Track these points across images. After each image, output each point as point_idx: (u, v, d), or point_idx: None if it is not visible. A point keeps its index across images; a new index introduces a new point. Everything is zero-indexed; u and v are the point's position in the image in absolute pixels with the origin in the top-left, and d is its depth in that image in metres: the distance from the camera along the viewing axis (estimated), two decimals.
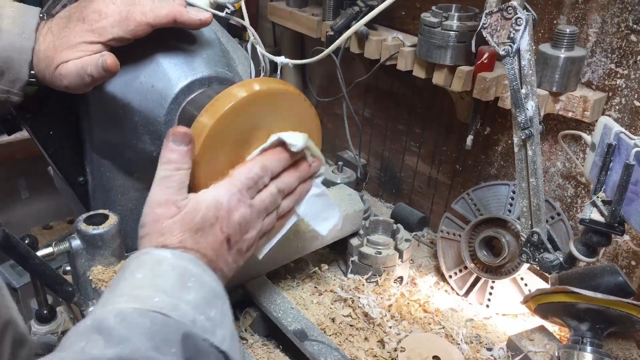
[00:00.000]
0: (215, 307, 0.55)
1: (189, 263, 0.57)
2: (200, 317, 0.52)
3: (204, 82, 0.77)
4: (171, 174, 0.61)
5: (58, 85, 0.71)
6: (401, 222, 1.19)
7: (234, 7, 1.01)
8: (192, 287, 0.54)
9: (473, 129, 1.09)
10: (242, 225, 0.64)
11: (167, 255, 0.56)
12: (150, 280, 0.53)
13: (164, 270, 0.54)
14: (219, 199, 0.62)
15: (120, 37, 0.69)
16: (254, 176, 0.65)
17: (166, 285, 0.53)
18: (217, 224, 0.61)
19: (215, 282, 0.58)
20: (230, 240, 0.63)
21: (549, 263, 0.90)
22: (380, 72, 1.25)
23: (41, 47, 0.70)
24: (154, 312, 0.49)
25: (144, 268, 0.55)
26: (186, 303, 0.52)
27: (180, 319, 0.50)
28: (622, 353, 0.94)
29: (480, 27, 0.83)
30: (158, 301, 0.51)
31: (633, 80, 0.91)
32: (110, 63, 0.68)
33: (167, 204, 0.60)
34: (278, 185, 0.69)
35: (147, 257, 0.56)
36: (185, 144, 0.62)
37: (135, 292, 0.52)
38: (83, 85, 0.71)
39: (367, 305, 1.00)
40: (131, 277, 0.54)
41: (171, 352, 0.47)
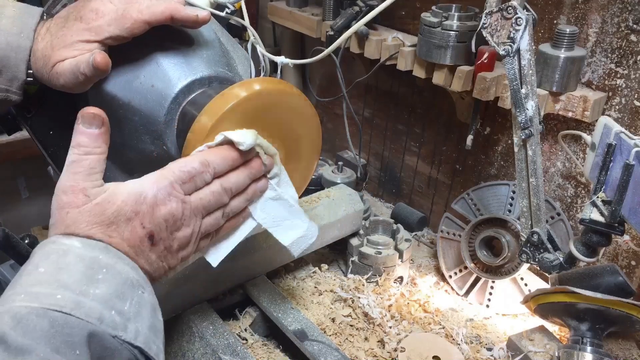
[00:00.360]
0: (129, 299, 0.51)
1: (100, 252, 0.52)
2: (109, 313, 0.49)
3: (204, 82, 0.77)
4: (79, 159, 0.56)
5: (55, 84, 0.71)
6: (401, 222, 1.19)
7: (234, 7, 1.00)
8: (102, 279, 0.50)
9: (473, 129, 1.09)
10: (170, 221, 0.58)
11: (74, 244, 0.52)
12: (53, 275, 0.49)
13: (69, 262, 0.50)
14: (142, 191, 0.56)
15: (117, 35, 0.69)
16: (190, 170, 0.60)
17: (70, 279, 0.49)
18: (136, 219, 0.56)
19: (132, 271, 0.54)
20: (153, 236, 0.57)
21: (549, 263, 0.90)
22: (380, 72, 1.25)
23: (39, 46, 0.70)
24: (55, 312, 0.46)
25: (48, 261, 0.50)
26: (92, 298, 0.49)
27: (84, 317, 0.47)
28: (622, 353, 0.94)
29: (480, 27, 0.83)
30: (60, 299, 0.47)
31: (633, 80, 0.91)
32: (99, 61, 0.67)
33: (74, 192, 0.54)
34: (224, 184, 0.64)
35: (53, 247, 0.52)
36: (97, 127, 0.57)
37: (34, 289, 0.47)
38: (78, 84, 0.71)
39: (367, 305, 1.00)
40: (34, 271, 0.49)
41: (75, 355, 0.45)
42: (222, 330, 0.88)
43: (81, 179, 0.55)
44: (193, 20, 0.72)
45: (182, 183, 0.59)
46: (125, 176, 0.88)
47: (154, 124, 0.77)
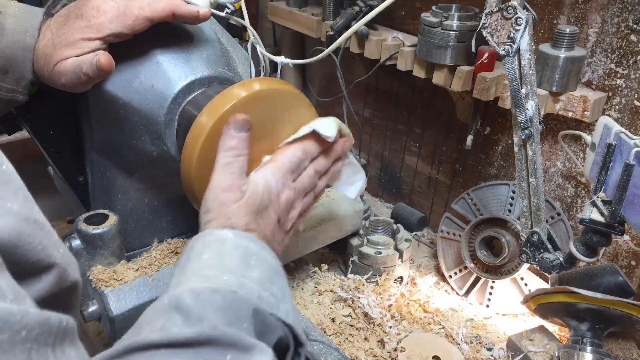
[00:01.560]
0: (276, 284, 0.57)
1: (249, 242, 0.59)
2: (265, 294, 0.54)
3: (204, 81, 0.77)
4: (233, 160, 0.63)
5: (56, 83, 0.71)
6: (401, 222, 1.19)
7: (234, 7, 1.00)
8: (255, 265, 0.56)
9: (473, 129, 1.09)
10: (288, 206, 0.67)
11: (228, 235, 0.58)
12: (216, 260, 0.55)
13: (227, 250, 0.56)
14: (269, 182, 0.64)
15: (119, 32, 0.69)
16: (297, 160, 0.68)
17: (231, 264, 0.55)
18: (270, 207, 0.64)
19: (274, 259, 0.60)
20: (280, 220, 0.66)
21: (549, 263, 0.90)
22: (380, 72, 1.25)
23: (40, 45, 0.70)
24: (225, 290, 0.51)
25: (210, 249, 0.56)
26: (251, 280, 0.54)
27: (248, 295, 0.52)
28: (622, 353, 0.94)
29: (480, 27, 0.83)
30: (227, 280, 0.53)
31: (633, 80, 0.91)
32: (104, 62, 0.68)
33: (232, 189, 0.62)
34: (316, 167, 0.71)
35: (211, 237, 0.58)
36: (245, 131, 0.64)
37: (204, 272, 0.54)
38: (80, 84, 0.71)
39: (367, 305, 1.00)
40: (198, 258, 0.56)
41: (243, 327, 0.49)
42: None
43: (237, 178, 0.63)
44: (194, 17, 0.72)
45: (292, 172, 0.67)
46: (125, 176, 0.88)
47: (154, 123, 0.77)
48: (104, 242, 0.80)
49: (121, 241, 0.83)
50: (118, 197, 0.90)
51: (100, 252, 0.80)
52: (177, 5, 0.70)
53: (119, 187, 0.89)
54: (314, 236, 1.05)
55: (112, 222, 0.81)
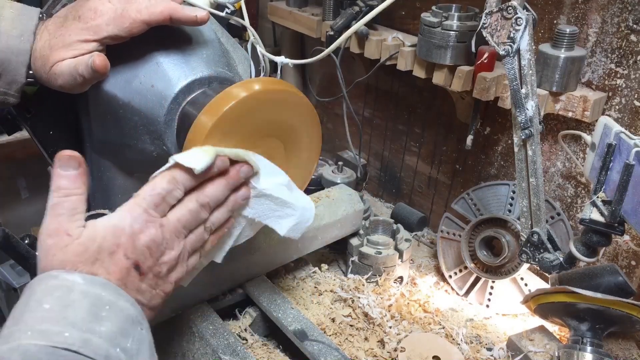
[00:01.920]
0: (131, 336, 0.52)
1: (102, 289, 0.52)
2: (115, 351, 0.49)
3: (204, 82, 0.77)
4: (60, 201, 0.55)
5: (53, 84, 0.71)
6: (401, 222, 1.19)
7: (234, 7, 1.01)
8: (106, 316, 0.50)
9: (473, 129, 1.09)
10: (153, 248, 0.58)
11: (77, 281, 0.51)
12: (59, 312, 0.48)
13: (74, 299, 0.50)
14: (119, 224, 0.56)
15: (116, 34, 0.69)
16: (160, 191, 0.59)
17: (77, 317, 0.49)
18: (118, 251, 0.55)
19: (132, 307, 0.54)
20: (139, 266, 0.57)
21: (549, 263, 0.90)
22: (380, 72, 1.25)
23: (37, 46, 0.70)
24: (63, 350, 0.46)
25: (52, 297, 0.50)
26: (99, 336, 0.49)
27: (92, 355, 0.47)
28: (622, 353, 0.94)
29: (480, 27, 0.83)
30: (68, 336, 0.47)
31: (633, 80, 0.91)
32: (98, 63, 0.67)
33: (58, 234, 0.54)
34: (200, 199, 0.62)
35: (56, 282, 0.51)
36: (74, 168, 0.56)
37: (42, 327, 0.47)
38: (76, 85, 0.71)
39: (367, 305, 1.00)
40: (38, 308, 0.49)
41: None
42: (222, 330, 0.87)
43: (64, 220, 0.55)
44: (192, 20, 0.72)
45: (156, 207, 0.59)
46: (125, 176, 0.88)
47: (154, 124, 0.77)
48: None
49: None
50: (118, 197, 0.90)
51: None
52: (175, 8, 0.70)
53: (118, 187, 0.89)
54: (314, 236, 1.05)
55: None
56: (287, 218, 0.74)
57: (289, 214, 0.74)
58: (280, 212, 0.73)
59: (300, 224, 0.75)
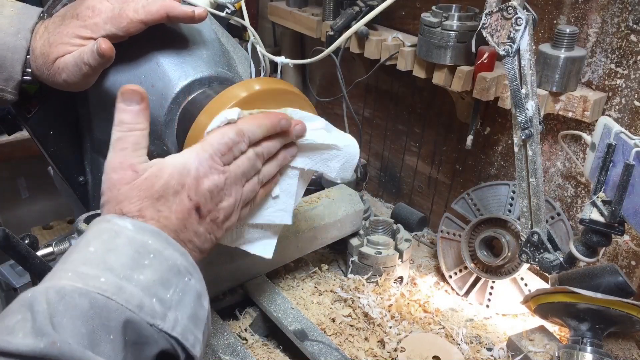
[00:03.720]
0: (173, 287, 0.52)
1: (150, 237, 0.52)
2: (150, 301, 0.49)
3: (204, 82, 0.77)
4: (124, 135, 0.56)
5: (56, 80, 0.71)
6: (401, 222, 1.19)
7: (234, 7, 1.01)
8: (149, 264, 0.51)
9: (473, 129, 1.09)
10: (214, 193, 0.59)
11: (127, 226, 0.52)
12: (101, 256, 0.49)
13: (119, 244, 0.50)
14: (186, 165, 0.57)
15: (113, 33, 0.69)
16: (227, 141, 0.60)
17: (117, 262, 0.49)
18: (183, 192, 0.56)
19: (181, 257, 0.54)
20: (200, 209, 0.57)
21: (549, 263, 0.90)
22: (380, 72, 1.25)
23: (37, 45, 0.70)
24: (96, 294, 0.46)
25: (99, 240, 0.51)
26: (135, 284, 0.49)
27: (124, 303, 0.47)
28: (622, 353, 0.94)
29: (480, 27, 0.83)
30: (103, 282, 0.47)
31: (633, 80, 0.91)
32: (104, 47, 0.67)
33: (123, 168, 0.55)
34: (256, 150, 0.64)
35: (106, 225, 0.52)
36: (137, 103, 0.57)
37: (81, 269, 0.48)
38: (81, 77, 0.70)
39: (367, 305, 1.00)
40: (84, 249, 0.50)
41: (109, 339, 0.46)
42: (222, 330, 0.88)
43: (129, 155, 0.56)
44: (190, 17, 0.72)
45: (222, 155, 0.60)
46: None
47: (154, 123, 0.76)
48: None
49: None
50: None
51: None
52: (171, 6, 0.70)
53: None
54: (314, 236, 1.05)
55: None
56: (334, 159, 0.75)
57: (334, 155, 0.75)
58: (326, 155, 0.75)
59: (347, 162, 0.76)
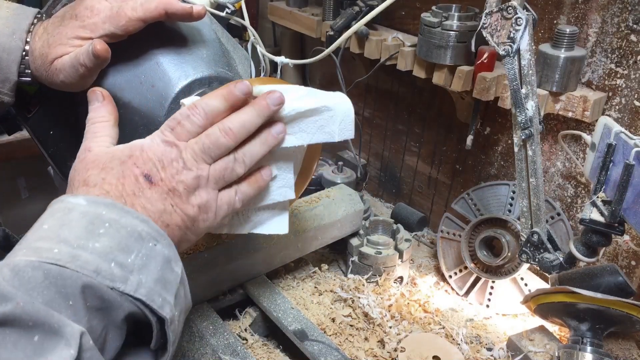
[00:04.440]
0: (135, 252, 0.53)
1: (104, 208, 0.54)
2: (108, 265, 0.50)
3: (204, 82, 0.77)
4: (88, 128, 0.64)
5: (55, 81, 0.71)
6: (401, 222, 1.19)
7: (234, 7, 1.01)
8: (104, 233, 0.52)
9: (473, 129, 1.09)
10: (165, 163, 0.60)
11: (79, 202, 0.54)
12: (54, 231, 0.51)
13: (72, 218, 0.52)
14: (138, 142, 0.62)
15: (112, 32, 0.69)
16: (176, 116, 0.62)
17: (70, 234, 0.51)
18: (129, 161, 0.59)
19: (142, 224, 0.55)
20: (150, 176, 0.59)
21: (549, 263, 0.90)
22: (380, 72, 1.25)
23: (36, 46, 0.70)
24: (49, 264, 0.48)
25: (53, 218, 0.53)
26: (91, 252, 0.50)
27: (79, 269, 0.49)
28: (622, 353, 0.94)
29: (480, 27, 0.83)
30: (57, 252, 0.49)
31: (633, 80, 0.91)
32: (99, 48, 0.67)
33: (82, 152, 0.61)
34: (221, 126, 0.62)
35: (60, 205, 0.54)
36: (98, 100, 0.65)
37: (36, 244, 0.50)
38: (78, 77, 0.70)
39: (367, 305, 1.00)
40: (39, 228, 0.52)
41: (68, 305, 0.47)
42: (222, 330, 0.88)
43: (89, 141, 0.62)
44: (188, 14, 0.71)
45: (171, 129, 0.62)
46: None
47: (154, 124, 0.77)
48: None
49: None
50: None
51: None
52: (169, 3, 0.69)
53: None
54: (314, 236, 1.05)
55: None
56: (330, 122, 0.70)
57: (328, 118, 0.70)
58: (320, 121, 0.70)
59: (344, 120, 0.72)
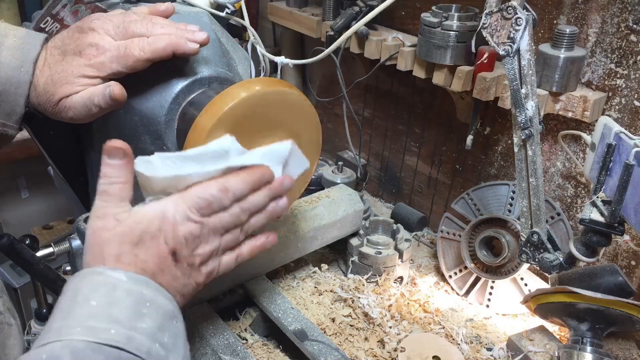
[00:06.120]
0: (168, 330, 0.55)
1: (144, 287, 0.56)
2: (155, 347, 0.52)
3: (204, 82, 0.77)
4: (107, 188, 0.60)
5: (62, 116, 0.72)
6: (401, 222, 1.19)
7: (234, 7, 1.01)
8: (147, 313, 0.54)
9: (473, 129, 1.09)
10: (190, 240, 0.61)
11: (121, 278, 0.55)
12: (104, 309, 0.52)
13: (118, 297, 0.53)
14: (164, 212, 0.59)
15: (119, 71, 0.70)
16: (208, 197, 0.61)
17: (121, 314, 0.52)
18: (160, 236, 0.59)
19: (169, 302, 0.57)
20: (176, 253, 0.60)
21: (549, 263, 0.90)
22: (380, 72, 1.25)
23: (40, 81, 0.70)
24: (109, 347, 0.49)
25: (98, 294, 0.53)
26: (141, 333, 0.52)
27: (135, 351, 0.50)
28: (622, 353, 0.94)
29: (480, 27, 0.83)
30: (114, 333, 0.50)
31: (633, 80, 0.91)
32: (117, 93, 0.69)
33: (106, 217, 0.59)
34: (242, 206, 0.65)
35: (101, 278, 0.54)
36: (119, 158, 0.60)
37: (89, 323, 0.50)
38: (89, 116, 0.72)
39: (367, 305, 1.00)
40: (85, 304, 0.52)
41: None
42: (222, 330, 0.88)
43: (112, 206, 0.59)
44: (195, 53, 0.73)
45: (199, 208, 0.61)
46: None
47: (154, 124, 0.77)
48: None
49: None
50: None
51: None
52: (178, 44, 0.70)
53: None
54: (314, 236, 1.05)
55: None
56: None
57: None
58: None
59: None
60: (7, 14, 1.56)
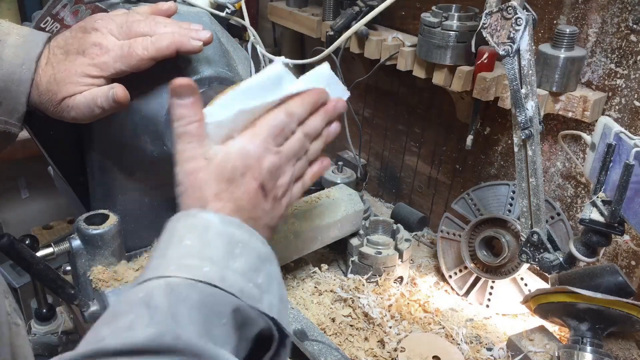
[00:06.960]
0: (262, 272, 0.55)
1: (235, 228, 0.56)
2: (248, 286, 0.52)
3: (204, 82, 0.77)
4: (187, 129, 0.60)
5: (64, 116, 0.72)
6: (401, 222, 1.19)
7: (234, 7, 1.01)
8: (240, 254, 0.54)
9: (473, 129, 1.09)
10: (273, 171, 0.62)
11: (214, 221, 0.56)
12: (198, 248, 0.53)
13: (211, 238, 0.54)
14: (245, 147, 0.60)
15: (123, 71, 0.70)
16: (279, 123, 0.63)
17: (214, 253, 0.53)
18: (248, 173, 0.60)
19: (262, 244, 0.58)
20: (264, 187, 0.61)
21: (549, 263, 0.90)
22: (380, 72, 1.25)
23: (42, 80, 0.70)
24: (203, 284, 0.50)
25: (192, 234, 0.54)
26: (234, 272, 0.52)
27: (229, 289, 0.51)
28: (622, 353, 0.94)
29: (480, 27, 0.83)
30: (208, 271, 0.51)
31: (633, 80, 0.91)
32: (120, 95, 0.69)
33: (196, 158, 0.59)
34: (305, 130, 0.66)
35: (195, 220, 0.56)
36: (190, 95, 0.60)
37: (184, 261, 0.52)
38: (91, 117, 0.72)
39: (367, 305, 1.00)
40: (179, 244, 0.53)
41: (221, 323, 0.49)
42: None
43: (196, 146, 0.59)
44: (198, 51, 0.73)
45: (275, 137, 0.62)
46: (125, 176, 0.88)
47: (154, 124, 0.77)
48: (104, 242, 0.80)
49: (121, 241, 0.83)
50: (118, 197, 0.90)
51: (100, 252, 0.80)
52: (181, 42, 0.71)
53: (119, 187, 0.89)
54: (314, 236, 1.05)
55: (112, 222, 0.81)
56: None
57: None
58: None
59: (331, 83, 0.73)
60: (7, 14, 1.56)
